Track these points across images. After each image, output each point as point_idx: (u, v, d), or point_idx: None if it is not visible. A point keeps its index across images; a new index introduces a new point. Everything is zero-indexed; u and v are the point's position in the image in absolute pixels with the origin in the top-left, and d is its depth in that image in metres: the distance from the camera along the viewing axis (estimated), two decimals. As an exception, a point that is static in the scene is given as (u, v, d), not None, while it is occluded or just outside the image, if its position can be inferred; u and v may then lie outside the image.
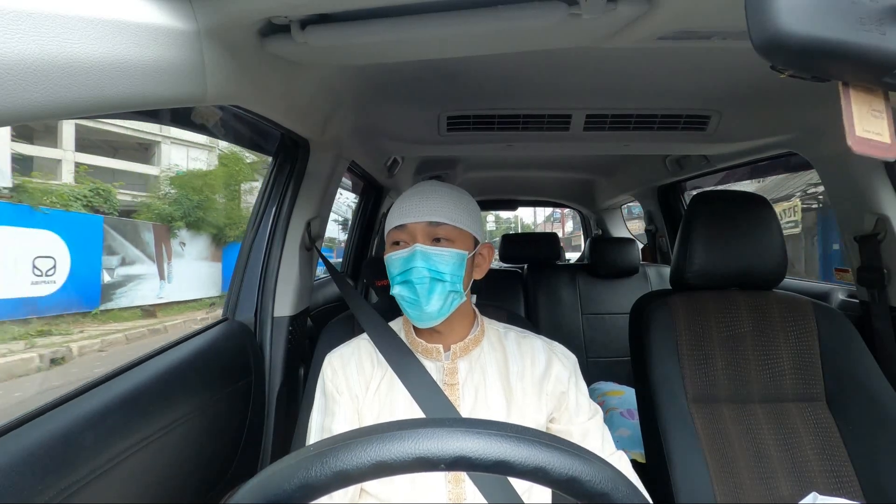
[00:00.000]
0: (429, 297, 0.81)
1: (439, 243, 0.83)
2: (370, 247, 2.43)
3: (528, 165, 2.87)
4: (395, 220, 0.86)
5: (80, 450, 0.69)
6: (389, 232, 0.87)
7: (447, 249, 0.83)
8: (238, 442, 1.12)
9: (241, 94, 0.81)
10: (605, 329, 2.46)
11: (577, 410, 0.88)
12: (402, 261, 0.83)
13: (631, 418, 1.89)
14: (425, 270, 0.81)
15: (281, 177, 1.31)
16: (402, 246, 0.85)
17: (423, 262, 0.81)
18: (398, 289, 0.84)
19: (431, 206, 0.84)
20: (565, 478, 0.36)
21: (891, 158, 0.43)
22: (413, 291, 0.82)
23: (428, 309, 0.81)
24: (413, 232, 0.83)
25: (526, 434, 0.37)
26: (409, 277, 0.82)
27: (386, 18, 0.73)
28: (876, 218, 1.29)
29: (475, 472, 0.36)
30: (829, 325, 1.19)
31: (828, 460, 1.09)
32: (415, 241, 0.83)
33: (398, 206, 0.87)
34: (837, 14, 0.37)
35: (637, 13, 0.71)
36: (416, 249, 0.82)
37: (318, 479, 0.35)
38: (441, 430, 0.36)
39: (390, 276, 0.86)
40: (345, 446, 0.36)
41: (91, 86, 0.49)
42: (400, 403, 0.85)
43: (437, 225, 0.83)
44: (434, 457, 0.35)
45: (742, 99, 1.34)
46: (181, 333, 1.10)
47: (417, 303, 0.82)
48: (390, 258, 0.85)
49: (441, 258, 0.82)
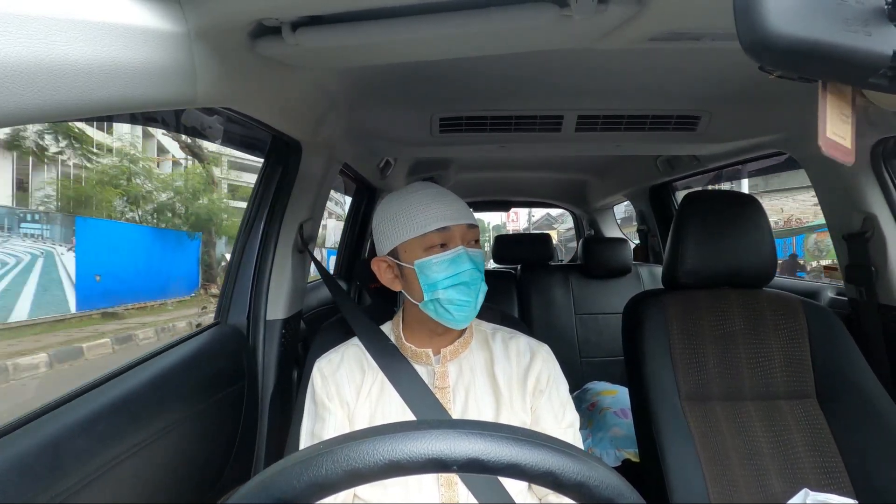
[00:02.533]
0: (478, 297, 0.83)
1: (476, 244, 0.85)
2: (363, 249, 2.43)
3: (520, 166, 2.87)
4: (431, 223, 0.82)
5: (71, 456, 0.68)
6: (426, 235, 0.82)
7: (479, 250, 0.85)
8: (231, 446, 1.11)
9: (232, 96, 0.81)
10: (598, 329, 2.47)
11: (555, 415, 0.87)
12: (451, 263, 0.81)
13: (624, 417, 1.90)
14: (476, 271, 0.82)
15: (273, 179, 1.30)
16: (443, 249, 0.83)
17: (472, 263, 0.82)
18: (448, 293, 0.81)
19: (463, 209, 0.86)
20: (574, 483, 0.36)
21: (849, 163, 0.45)
22: (467, 293, 0.82)
23: (476, 309, 0.83)
24: (454, 234, 0.83)
25: (538, 439, 0.38)
26: (462, 280, 0.81)
27: (377, 20, 0.73)
28: (864, 217, 1.31)
29: (486, 474, 0.36)
30: (819, 322, 1.20)
31: (819, 457, 1.11)
32: (456, 244, 0.83)
33: (420, 209, 0.83)
34: (824, 15, 0.37)
35: (627, 14, 0.72)
36: (463, 251, 0.82)
37: (329, 478, 0.35)
38: (455, 431, 0.37)
39: (432, 280, 0.81)
40: (358, 445, 0.36)
41: (80, 88, 0.48)
42: (391, 407, 0.85)
43: (473, 227, 0.85)
44: (448, 458, 0.35)
45: (732, 99, 1.36)
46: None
47: (470, 304, 0.82)
48: (430, 262, 0.81)
49: (481, 258, 0.85)
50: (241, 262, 1.28)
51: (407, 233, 0.83)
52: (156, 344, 1.39)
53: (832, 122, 0.44)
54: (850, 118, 0.45)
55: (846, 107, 0.45)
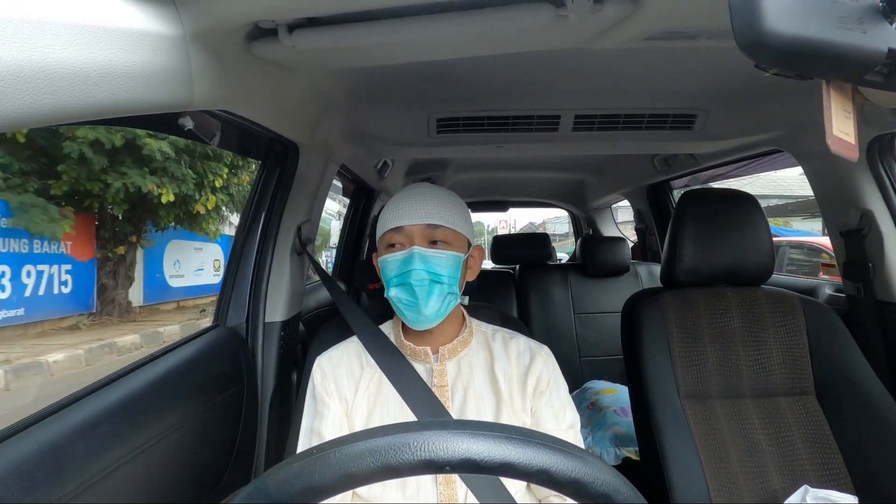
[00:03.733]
0: (427, 299, 0.81)
1: (436, 245, 0.84)
2: (361, 250, 2.43)
3: (518, 166, 2.88)
4: (391, 221, 0.85)
5: (70, 461, 0.68)
6: (384, 234, 0.86)
7: (445, 252, 0.83)
8: (231, 449, 1.11)
9: (228, 99, 0.81)
10: (597, 328, 2.48)
11: (555, 416, 0.87)
12: (399, 263, 0.83)
13: (624, 416, 1.90)
14: (424, 273, 0.81)
15: (270, 181, 1.30)
16: (398, 248, 0.84)
17: (421, 264, 0.81)
18: (395, 291, 0.83)
19: (428, 208, 0.84)
20: (568, 480, 0.36)
21: (854, 159, 0.45)
22: (411, 294, 0.81)
23: (426, 311, 0.81)
24: (410, 234, 0.83)
25: (531, 437, 0.38)
26: (407, 280, 0.81)
27: (374, 21, 0.73)
28: (861, 213, 1.31)
29: (480, 473, 0.36)
30: (817, 319, 1.21)
31: (818, 453, 1.11)
32: (412, 244, 0.83)
33: (392, 207, 0.87)
34: (819, 13, 0.38)
35: (623, 14, 0.72)
36: (415, 252, 0.82)
37: (323, 482, 0.35)
38: (447, 432, 0.37)
39: (385, 278, 0.85)
40: (351, 448, 0.36)
41: (76, 91, 0.48)
42: (390, 405, 0.85)
43: (435, 227, 0.84)
44: (440, 459, 0.35)
45: (728, 97, 1.36)
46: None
47: (416, 305, 0.82)
48: (385, 260, 0.85)
49: (439, 260, 0.82)
50: (239, 264, 1.28)
51: (380, 230, 0.88)
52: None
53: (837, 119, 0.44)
54: (852, 115, 0.45)
55: (848, 104, 0.45)
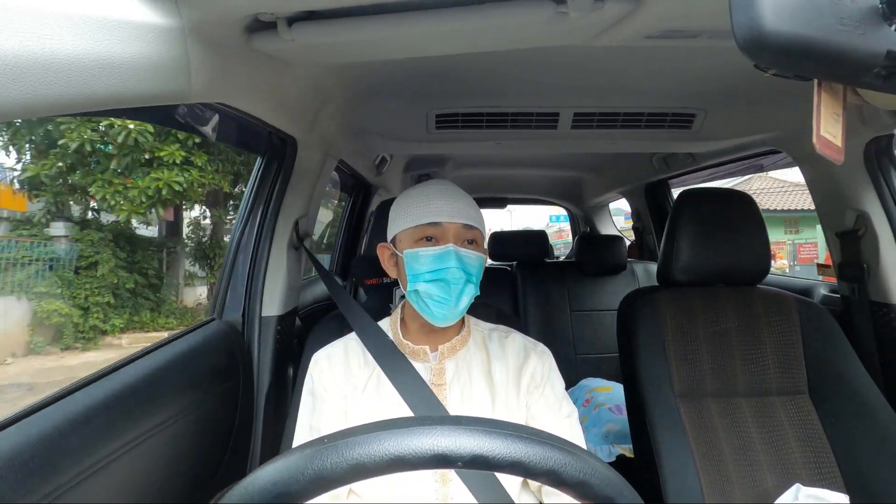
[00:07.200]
0: (460, 297, 0.83)
1: (471, 246, 0.85)
2: (359, 245, 2.42)
3: (516, 163, 2.87)
4: (426, 216, 0.84)
5: (65, 453, 0.68)
6: (417, 227, 0.85)
7: (476, 253, 0.85)
8: (226, 443, 1.11)
9: (226, 92, 0.80)
10: (593, 326, 2.48)
11: (550, 408, 0.88)
12: (434, 258, 0.83)
13: (619, 414, 1.91)
14: (461, 271, 0.82)
15: (268, 175, 1.30)
16: (433, 243, 0.84)
17: (458, 262, 0.82)
18: (425, 287, 0.82)
19: (463, 208, 0.86)
20: (577, 481, 0.37)
21: (839, 162, 0.45)
22: (446, 291, 0.82)
23: (458, 308, 0.83)
24: (446, 231, 0.84)
25: (542, 437, 0.38)
26: (443, 276, 0.82)
27: (374, 16, 0.73)
28: (856, 215, 1.32)
29: (490, 470, 0.37)
30: (812, 319, 1.21)
31: (811, 452, 1.12)
32: (447, 241, 0.83)
33: (422, 202, 0.86)
34: (819, 14, 0.38)
35: (623, 12, 0.72)
36: (452, 249, 0.82)
37: (334, 472, 0.35)
38: (461, 428, 0.37)
39: (415, 272, 0.84)
40: (364, 439, 0.36)
41: (73, 83, 0.48)
42: (388, 403, 0.85)
43: (471, 228, 0.85)
44: (453, 454, 0.36)
45: (727, 97, 1.36)
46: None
47: (448, 302, 0.82)
48: (417, 254, 0.84)
49: (472, 260, 0.84)
50: (236, 258, 1.28)
51: (405, 222, 0.86)
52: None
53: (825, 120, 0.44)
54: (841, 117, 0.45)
55: (838, 106, 0.45)
